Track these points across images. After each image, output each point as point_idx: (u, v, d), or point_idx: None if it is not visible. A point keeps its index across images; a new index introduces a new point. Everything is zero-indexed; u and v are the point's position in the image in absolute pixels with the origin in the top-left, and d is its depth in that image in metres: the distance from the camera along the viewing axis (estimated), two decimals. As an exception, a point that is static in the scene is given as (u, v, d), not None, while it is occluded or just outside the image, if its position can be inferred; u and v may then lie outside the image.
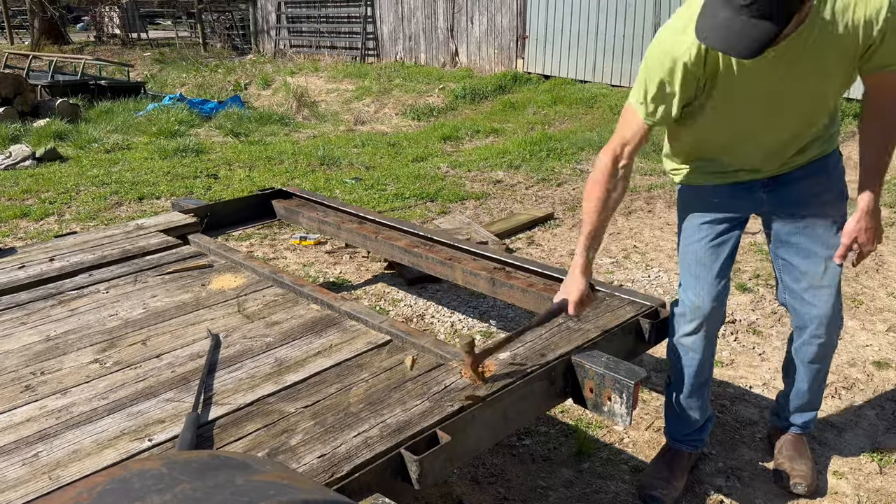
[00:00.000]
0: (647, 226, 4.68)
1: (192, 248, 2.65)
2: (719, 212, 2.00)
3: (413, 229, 2.84)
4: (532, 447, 2.40)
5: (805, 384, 2.16)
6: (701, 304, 1.99)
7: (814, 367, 2.11)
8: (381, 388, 1.66)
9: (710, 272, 1.99)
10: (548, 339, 1.84)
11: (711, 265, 1.99)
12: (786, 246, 2.01)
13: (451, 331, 3.26)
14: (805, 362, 2.11)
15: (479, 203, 5.26)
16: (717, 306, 2.00)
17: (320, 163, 6.58)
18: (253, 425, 1.53)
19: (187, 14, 23.32)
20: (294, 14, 15.65)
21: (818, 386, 2.18)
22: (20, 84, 9.18)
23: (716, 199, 2.00)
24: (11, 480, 1.38)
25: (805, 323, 2.04)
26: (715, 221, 2.00)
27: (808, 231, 1.95)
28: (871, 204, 1.83)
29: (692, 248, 2.03)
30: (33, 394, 1.69)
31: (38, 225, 4.84)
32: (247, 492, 0.89)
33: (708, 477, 2.25)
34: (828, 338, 2.03)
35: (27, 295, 2.26)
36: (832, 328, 2.02)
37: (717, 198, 1.99)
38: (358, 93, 11.34)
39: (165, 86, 13.43)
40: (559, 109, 9.09)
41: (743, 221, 2.03)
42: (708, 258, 2.00)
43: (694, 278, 2.01)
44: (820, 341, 2.04)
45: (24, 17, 23.09)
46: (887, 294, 3.55)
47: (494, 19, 11.48)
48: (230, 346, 1.90)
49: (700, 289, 1.99)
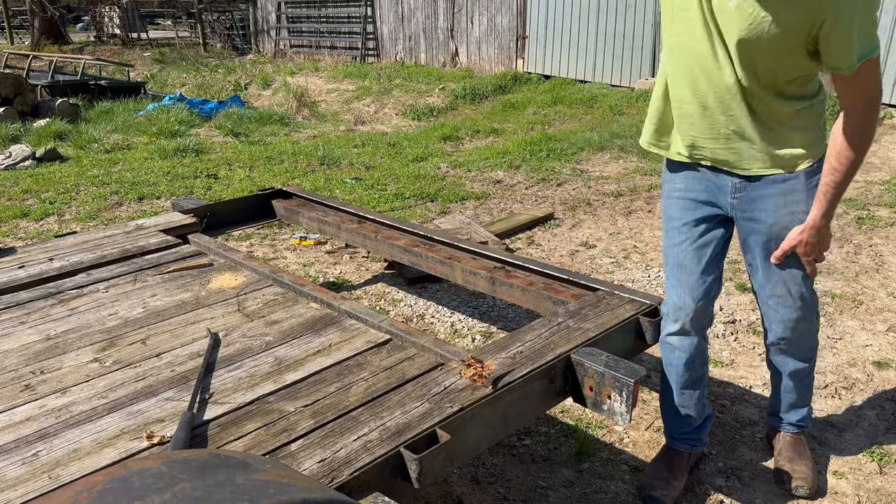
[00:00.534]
0: (647, 226, 4.68)
1: (191, 247, 2.65)
2: (696, 211, 1.99)
3: (413, 229, 2.84)
4: (532, 447, 2.40)
5: (782, 382, 2.18)
6: (683, 305, 2.00)
7: (787, 363, 2.12)
8: (380, 387, 1.66)
9: (692, 274, 1.99)
10: (547, 338, 1.84)
11: (693, 267, 1.99)
12: (750, 252, 1.99)
13: (451, 331, 3.26)
14: (777, 358, 2.13)
15: (479, 203, 5.26)
16: (701, 306, 2.00)
17: (320, 163, 6.58)
18: (253, 424, 1.53)
19: (187, 14, 23.33)
20: (294, 14, 15.66)
21: (798, 384, 2.17)
22: (20, 84, 9.18)
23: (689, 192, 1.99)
24: (11, 479, 1.38)
25: (770, 326, 2.05)
26: (694, 222, 2.00)
27: (773, 242, 1.91)
28: (816, 221, 1.80)
29: (673, 251, 2.03)
30: (33, 393, 1.69)
31: (38, 225, 4.84)
32: (247, 490, 0.89)
33: (708, 477, 2.25)
34: (789, 344, 2.04)
35: (27, 294, 2.26)
36: (797, 333, 2.01)
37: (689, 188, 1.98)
38: (358, 93, 11.34)
39: (165, 86, 13.43)
40: (559, 109, 9.09)
41: (724, 220, 2.00)
42: (689, 261, 2.00)
43: (676, 280, 2.03)
44: (783, 345, 2.05)
45: (24, 17, 23.10)
46: (887, 294, 3.55)
47: (494, 19, 11.48)
48: (230, 344, 1.90)
49: (682, 290, 2.00)
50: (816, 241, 1.83)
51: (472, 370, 1.65)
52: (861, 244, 4.20)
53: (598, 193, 5.44)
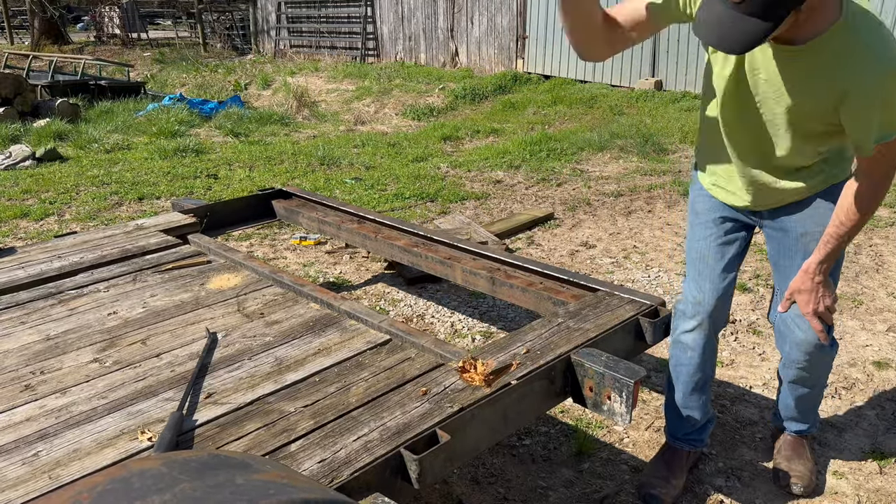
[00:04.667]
0: (647, 226, 4.68)
1: (191, 247, 2.65)
2: (724, 210, 2.00)
3: (413, 229, 2.84)
4: (532, 447, 2.40)
5: (791, 400, 2.16)
6: (703, 300, 1.99)
7: (796, 388, 2.10)
8: (380, 387, 1.66)
9: (714, 270, 1.99)
10: (547, 338, 1.84)
11: (716, 263, 2.00)
12: (777, 269, 1.99)
13: (451, 331, 3.26)
14: (788, 382, 2.11)
15: (479, 203, 5.26)
16: (719, 304, 2.00)
17: (320, 163, 6.58)
18: (253, 425, 1.53)
19: (187, 14, 23.33)
20: (294, 14, 15.66)
21: (806, 403, 2.16)
22: (20, 84, 9.17)
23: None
24: (11, 480, 1.38)
25: (785, 346, 2.02)
26: (721, 220, 2.01)
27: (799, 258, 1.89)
28: (811, 266, 1.78)
29: (697, 245, 2.03)
30: (33, 393, 1.69)
31: (38, 225, 4.84)
32: (247, 491, 0.89)
33: (708, 477, 2.25)
34: (807, 364, 2.00)
35: (27, 294, 2.25)
36: (813, 356, 1.97)
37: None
38: (358, 93, 11.34)
39: (165, 86, 13.43)
40: (559, 109, 9.09)
41: (750, 226, 2.03)
42: (713, 257, 2.00)
43: (697, 274, 2.02)
44: (800, 366, 2.01)
45: (24, 17, 23.10)
46: (887, 294, 3.55)
47: (494, 19, 11.48)
48: (230, 345, 1.90)
49: (703, 282, 2.00)
50: (809, 290, 1.80)
51: (468, 375, 1.65)
52: (861, 244, 4.20)
53: (598, 193, 5.44)
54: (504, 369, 1.67)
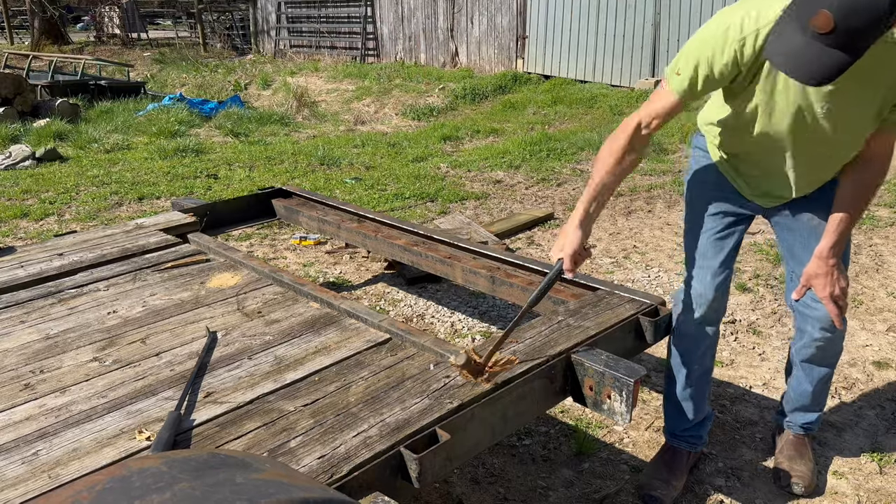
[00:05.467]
0: (647, 226, 4.68)
1: (191, 246, 2.65)
2: (726, 204, 2.02)
3: (413, 228, 2.84)
4: (532, 447, 2.40)
5: (804, 385, 2.15)
6: (704, 292, 2.01)
7: (813, 368, 2.10)
8: (380, 386, 1.66)
9: (713, 263, 2.02)
10: (547, 337, 1.84)
11: (715, 256, 2.02)
12: (793, 256, 2.00)
13: (451, 331, 3.26)
14: (803, 363, 2.11)
15: (479, 203, 5.26)
16: (718, 295, 2.02)
17: (320, 163, 6.58)
18: (252, 424, 1.52)
19: (187, 14, 23.34)
20: (294, 14, 15.66)
21: (819, 388, 2.16)
22: (20, 84, 9.18)
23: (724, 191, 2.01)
24: (11, 479, 1.37)
25: (806, 325, 2.03)
26: (721, 215, 2.02)
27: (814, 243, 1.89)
28: (823, 252, 1.80)
29: (697, 238, 2.05)
30: (32, 392, 1.69)
31: (38, 225, 4.84)
32: (247, 490, 0.89)
33: (708, 477, 2.25)
34: (828, 342, 2.01)
35: (26, 293, 2.25)
36: (835, 333, 2.00)
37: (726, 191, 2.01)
38: (358, 93, 11.34)
39: (165, 86, 13.43)
40: (559, 109, 9.09)
41: (748, 218, 2.05)
42: (711, 250, 2.02)
43: (697, 267, 2.04)
44: (819, 344, 2.02)
45: (24, 17, 23.10)
46: (887, 294, 3.55)
47: (494, 19, 11.49)
48: (229, 344, 1.90)
49: (705, 274, 2.02)
50: (825, 274, 1.82)
51: (468, 371, 1.65)
52: (861, 244, 4.20)
53: (598, 193, 5.43)
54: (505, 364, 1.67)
